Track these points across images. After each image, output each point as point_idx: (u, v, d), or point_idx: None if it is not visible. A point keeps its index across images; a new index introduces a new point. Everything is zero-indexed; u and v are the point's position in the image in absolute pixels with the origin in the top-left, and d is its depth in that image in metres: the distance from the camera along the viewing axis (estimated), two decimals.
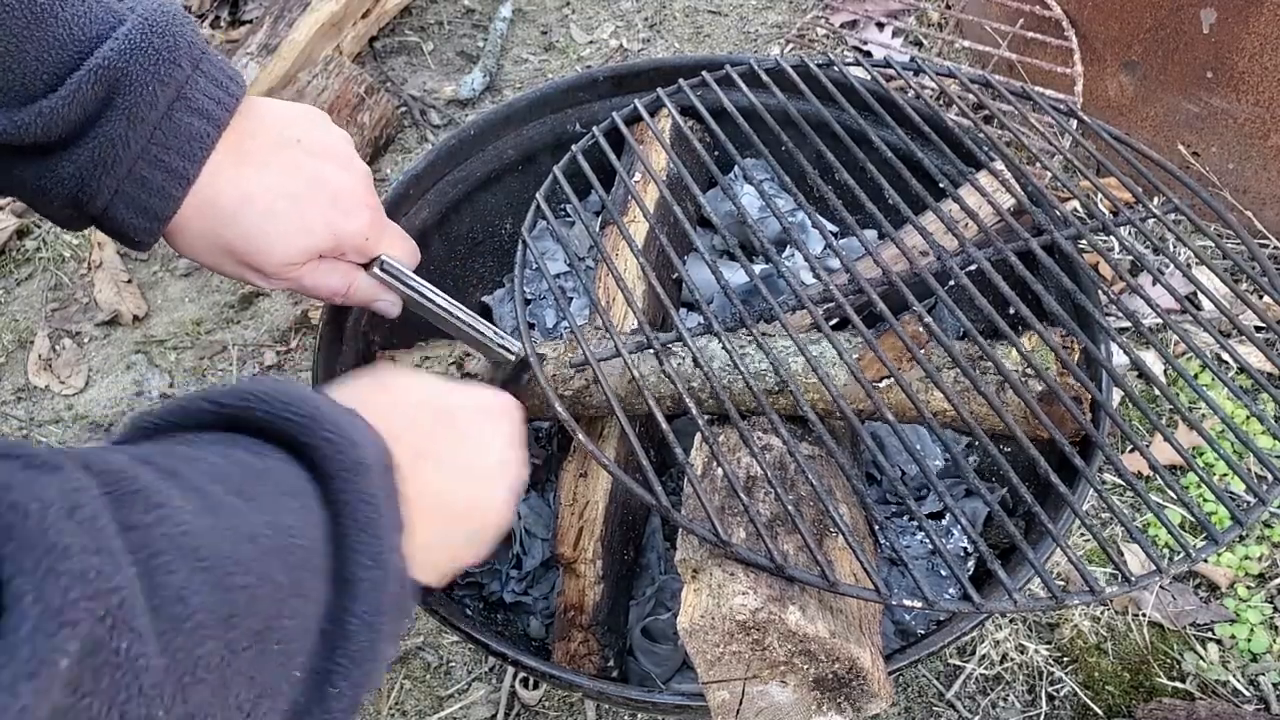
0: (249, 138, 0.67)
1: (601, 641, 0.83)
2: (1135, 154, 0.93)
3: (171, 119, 0.62)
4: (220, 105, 0.64)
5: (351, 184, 0.72)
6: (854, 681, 0.66)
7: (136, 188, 0.63)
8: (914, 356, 0.77)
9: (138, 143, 0.61)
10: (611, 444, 0.90)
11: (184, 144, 0.63)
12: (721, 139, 1.02)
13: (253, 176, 0.67)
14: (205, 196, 0.65)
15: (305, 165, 0.69)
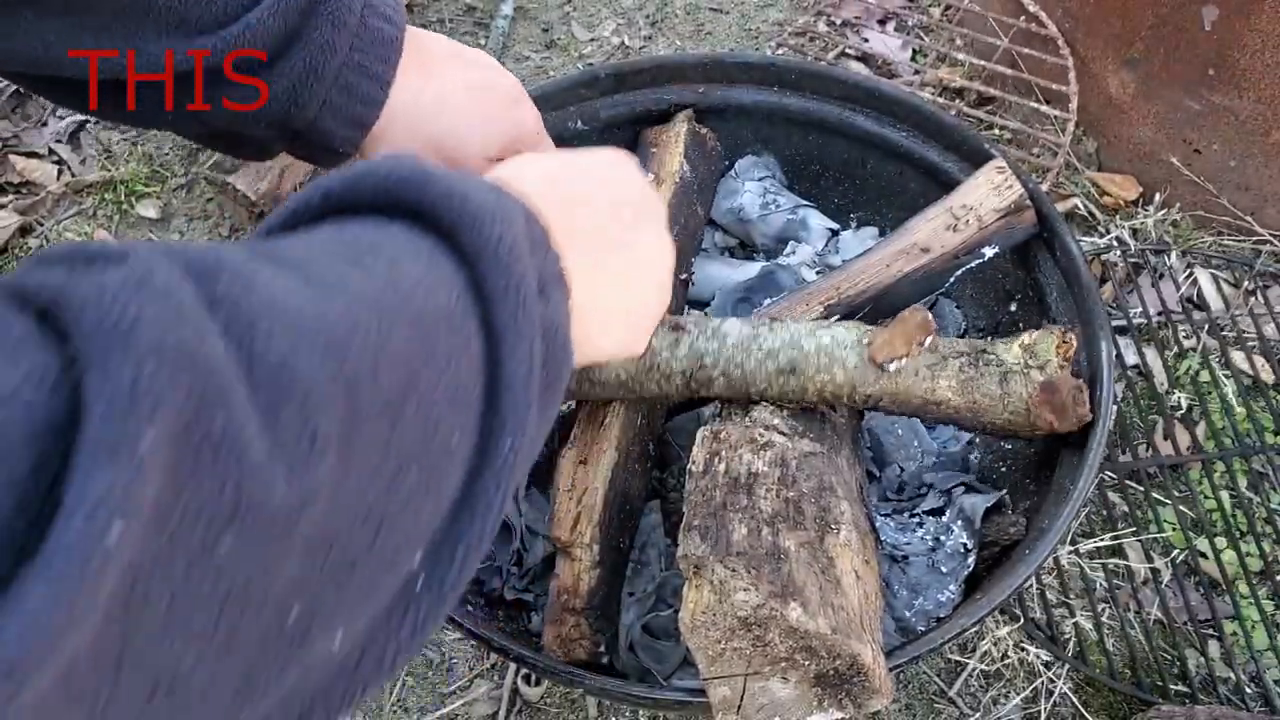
0: (421, 49, 0.69)
1: (594, 627, 0.83)
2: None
3: (366, 24, 0.64)
4: (397, 13, 0.66)
5: (516, 84, 0.76)
6: (855, 678, 0.66)
7: (343, 95, 0.64)
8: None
9: (342, 49, 0.62)
10: (613, 431, 0.90)
11: (380, 48, 0.64)
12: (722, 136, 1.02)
13: (439, 78, 0.69)
14: (403, 100, 0.67)
15: (474, 69, 0.73)
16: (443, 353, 0.34)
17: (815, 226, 1.18)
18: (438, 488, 0.34)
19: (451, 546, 0.34)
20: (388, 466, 0.31)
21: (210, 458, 0.24)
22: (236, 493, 0.24)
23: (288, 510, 0.26)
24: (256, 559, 0.26)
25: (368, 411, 0.30)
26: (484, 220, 0.37)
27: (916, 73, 1.69)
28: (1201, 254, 1.47)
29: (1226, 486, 1.26)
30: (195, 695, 0.25)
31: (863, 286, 0.96)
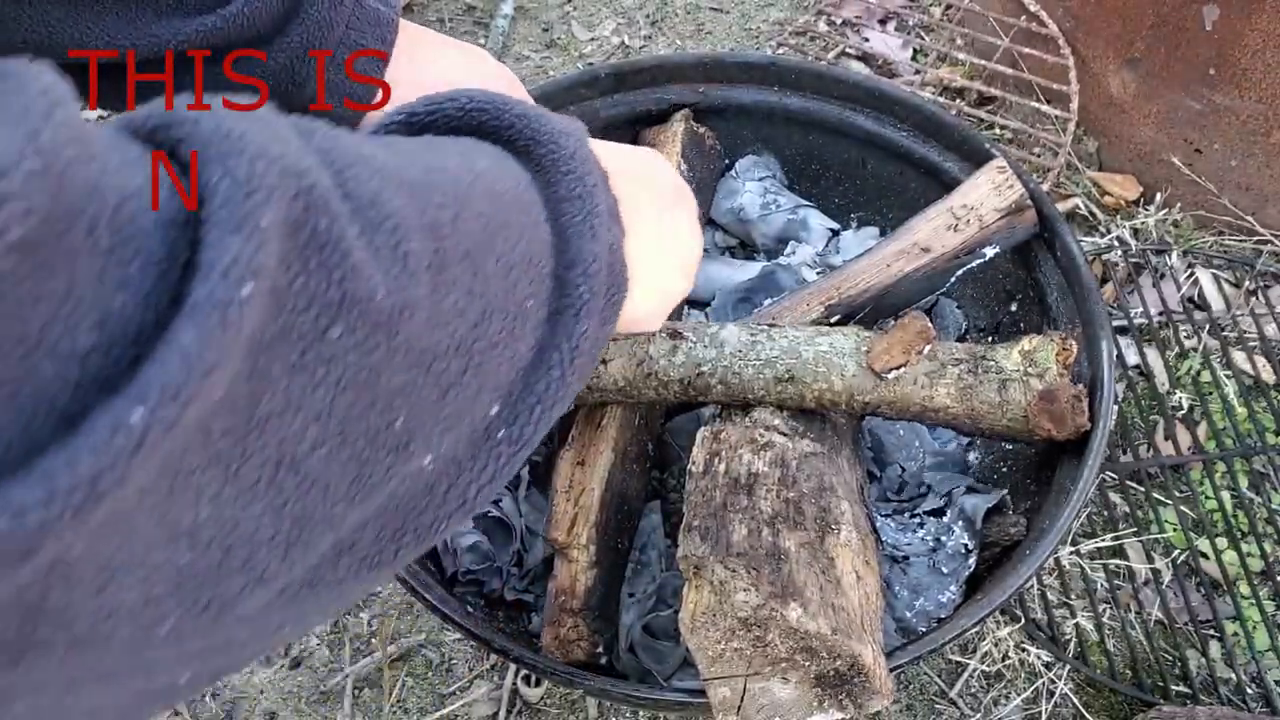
0: (414, 35, 0.69)
1: (592, 628, 0.83)
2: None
3: (362, 4, 0.64)
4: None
5: (509, 73, 0.77)
6: (855, 679, 0.66)
7: (341, 75, 0.65)
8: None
9: (339, 26, 0.63)
10: (610, 432, 0.90)
11: (376, 28, 0.65)
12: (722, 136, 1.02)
13: (434, 62, 0.69)
14: (399, 80, 0.67)
15: (468, 55, 0.73)
16: (516, 226, 0.36)
17: (815, 226, 1.18)
18: (515, 343, 0.36)
19: (527, 405, 0.37)
20: (473, 308, 0.33)
21: (317, 253, 0.26)
22: (342, 287, 0.27)
23: (388, 314, 0.28)
24: (363, 353, 0.28)
25: (452, 254, 0.32)
26: (558, 136, 0.40)
27: (917, 72, 1.69)
28: (1202, 254, 1.47)
29: (1228, 487, 1.26)
30: (314, 479, 0.28)
31: (863, 286, 0.96)
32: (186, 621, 0.26)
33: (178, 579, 0.25)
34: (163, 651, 0.26)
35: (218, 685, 1.16)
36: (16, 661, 0.22)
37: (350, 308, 0.27)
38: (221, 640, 0.28)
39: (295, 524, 0.28)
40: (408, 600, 1.21)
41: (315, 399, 0.27)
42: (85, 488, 0.21)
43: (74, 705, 0.25)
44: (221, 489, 0.25)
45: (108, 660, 0.24)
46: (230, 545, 0.26)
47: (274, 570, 0.28)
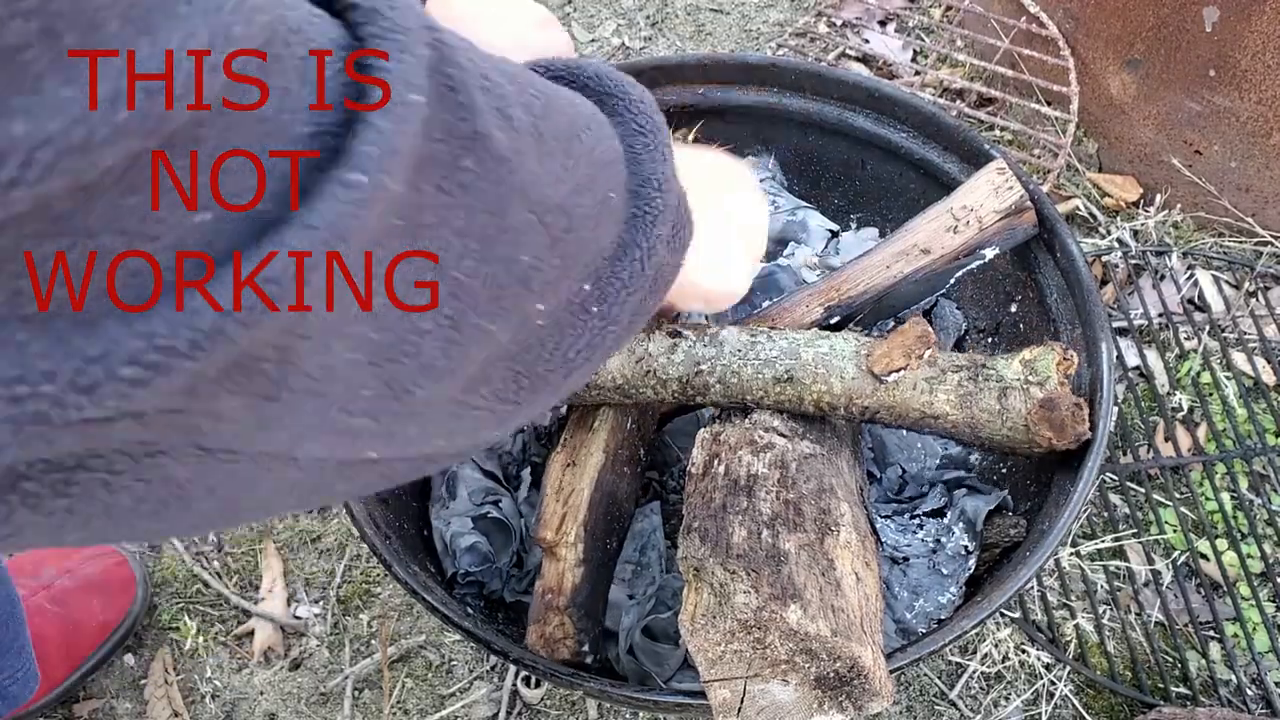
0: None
1: (578, 625, 0.83)
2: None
3: None
4: None
5: (546, 11, 0.79)
6: (855, 680, 0.66)
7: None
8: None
9: None
10: (601, 435, 0.90)
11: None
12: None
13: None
14: (436, 10, 0.70)
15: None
16: (595, 134, 0.40)
17: (815, 228, 1.18)
18: (601, 227, 0.40)
19: (614, 288, 0.41)
20: (566, 179, 0.37)
21: (450, 92, 0.30)
22: (471, 124, 0.31)
23: (507, 154, 0.33)
24: (490, 183, 0.32)
25: (546, 132, 0.36)
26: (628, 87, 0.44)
27: (917, 74, 1.69)
28: (1202, 255, 1.47)
29: (1228, 488, 1.26)
30: (461, 286, 0.32)
31: (863, 288, 0.96)
32: (379, 394, 0.31)
33: (369, 351, 0.29)
34: (363, 420, 0.31)
35: (217, 687, 1.16)
36: (277, 397, 0.27)
37: (477, 143, 0.31)
38: (400, 427, 0.33)
39: (450, 324, 0.32)
40: (408, 602, 1.21)
41: (456, 217, 0.31)
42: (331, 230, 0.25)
43: (306, 450, 0.30)
44: (397, 282, 0.29)
45: (328, 418, 0.29)
46: (401, 332, 0.30)
47: (436, 364, 0.32)
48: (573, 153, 0.37)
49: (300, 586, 1.23)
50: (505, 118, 0.33)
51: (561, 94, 0.39)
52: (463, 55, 0.32)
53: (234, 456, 0.28)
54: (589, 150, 0.39)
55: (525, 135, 0.34)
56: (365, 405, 0.30)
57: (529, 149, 0.34)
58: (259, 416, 0.27)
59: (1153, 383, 1.34)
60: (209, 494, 0.28)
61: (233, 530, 1.27)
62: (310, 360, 0.27)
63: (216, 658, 1.18)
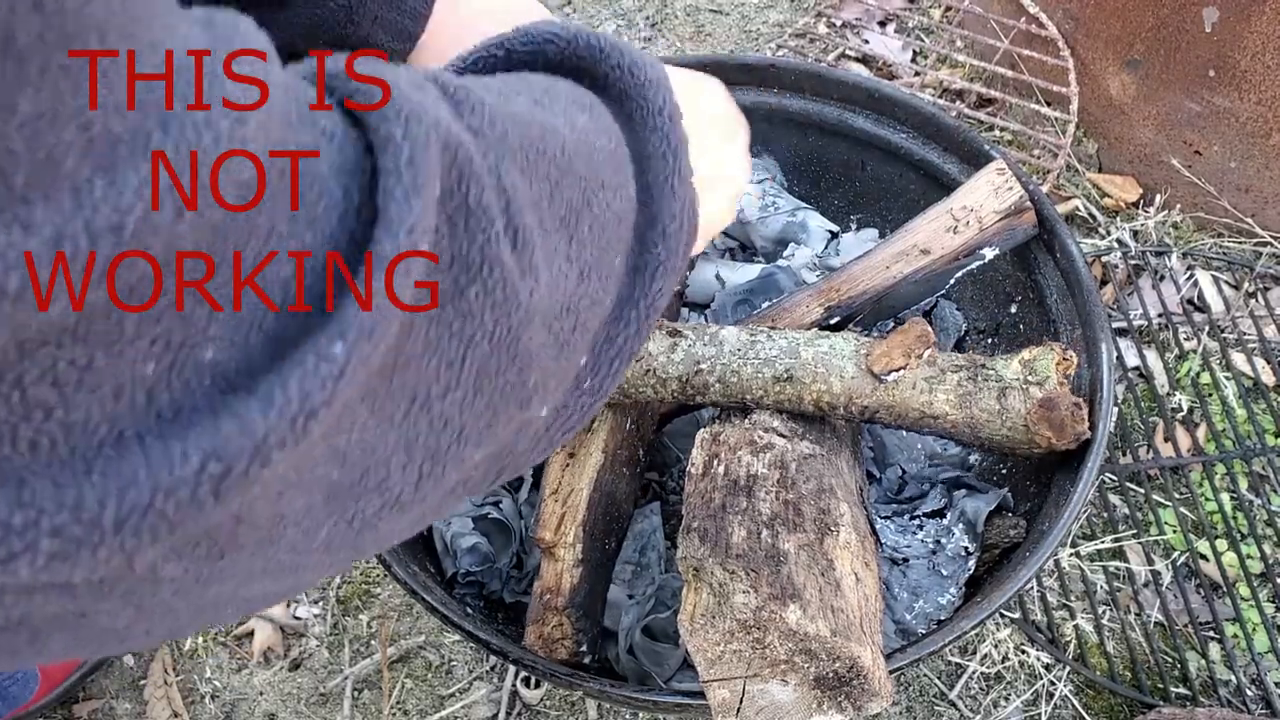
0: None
1: (576, 625, 0.83)
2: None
3: None
4: None
5: (546, 12, 0.79)
6: (855, 680, 0.66)
7: (392, 10, 0.69)
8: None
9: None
10: (600, 435, 0.90)
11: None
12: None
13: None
14: (442, 12, 0.71)
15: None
16: (610, 186, 0.39)
17: (815, 228, 1.18)
18: (604, 297, 0.39)
19: (608, 356, 0.40)
20: (573, 270, 0.36)
21: (464, 218, 0.29)
22: (483, 251, 0.30)
23: (516, 275, 0.31)
24: (493, 310, 0.31)
25: (551, 223, 0.35)
26: (651, 89, 0.42)
27: (917, 74, 1.69)
28: (1202, 255, 1.47)
29: (1227, 488, 1.26)
30: (446, 420, 0.31)
31: (863, 288, 0.96)
32: (336, 532, 0.29)
33: (329, 491, 0.28)
34: (316, 557, 0.29)
35: (217, 687, 1.16)
36: (221, 556, 0.25)
37: (486, 271, 0.30)
38: (358, 549, 0.31)
39: (428, 457, 0.31)
40: (407, 602, 1.21)
41: (450, 349, 0.30)
42: (301, 408, 0.24)
43: (245, 593, 0.28)
44: (367, 418, 0.28)
45: (277, 559, 0.28)
46: (368, 467, 0.29)
47: (407, 498, 0.31)
48: (579, 234, 0.36)
49: None
50: (514, 228, 0.32)
51: (579, 147, 0.37)
52: (479, 149, 0.30)
53: (171, 609, 0.26)
54: (600, 216, 0.38)
55: (535, 245, 0.33)
56: (322, 543, 0.29)
57: (542, 257, 0.33)
58: (202, 575, 0.25)
59: (1152, 383, 1.34)
60: (145, 635, 0.27)
61: None
62: (264, 515, 0.26)
63: (216, 658, 1.18)
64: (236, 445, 0.23)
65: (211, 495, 0.22)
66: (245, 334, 0.24)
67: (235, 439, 0.23)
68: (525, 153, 0.33)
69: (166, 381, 0.22)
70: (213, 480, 0.22)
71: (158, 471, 0.22)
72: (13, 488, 0.20)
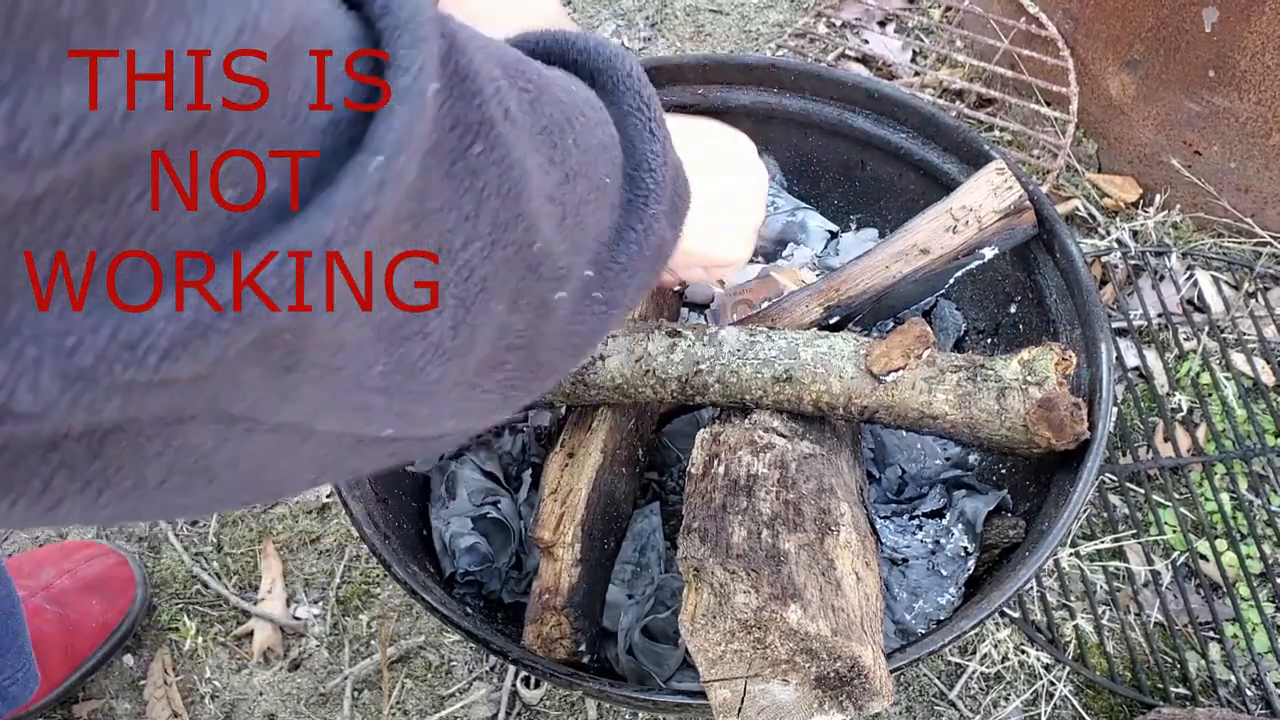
0: None
1: (574, 625, 0.83)
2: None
3: None
4: None
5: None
6: (856, 680, 0.66)
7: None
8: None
9: None
10: (600, 435, 0.90)
11: None
12: None
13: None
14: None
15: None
16: (590, 118, 0.41)
17: (814, 228, 1.18)
18: (599, 211, 0.41)
19: (614, 271, 0.42)
20: (554, 172, 0.38)
21: (460, 81, 0.31)
22: (480, 112, 0.32)
23: (511, 138, 0.33)
24: (499, 169, 0.33)
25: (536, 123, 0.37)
26: (619, 61, 0.45)
27: (916, 74, 1.69)
28: (1202, 256, 1.47)
29: (1227, 489, 1.26)
30: (469, 269, 0.33)
31: (862, 288, 0.96)
32: (389, 372, 0.32)
33: (377, 328, 0.30)
34: (375, 398, 0.32)
35: (217, 687, 1.16)
36: (293, 368, 0.28)
37: (484, 129, 0.32)
38: (413, 406, 0.34)
39: (458, 304, 0.33)
40: (407, 602, 1.21)
41: (464, 203, 0.32)
42: (356, 212, 0.26)
43: (319, 425, 0.31)
44: (402, 263, 0.30)
45: (342, 392, 0.30)
46: (409, 312, 0.31)
47: (445, 345, 0.33)
48: (563, 143, 0.38)
49: (300, 587, 1.23)
50: (504, 107, 0.34)
51: (555, 81, 0.40)
52: (469, 43, 0.33)
53: (255, 425, 0.29)
54: (582, 138, 0.40)
55: (522, 124, 0.35)
56: (378, 381, 0.31)
57: (526, 134, 0.35)
58: (278, 387, 0.28)
59: (1152, 383, 1.34)
60: (231, 466, 0.30)
61: (232, 531, 1.27)
62: (323, 336, 0.28)
63: (216, 658, 1.18)
64: (310, 240, 0.25)
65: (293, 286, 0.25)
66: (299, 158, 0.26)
67: (310, 234, 0.25)
68: (506, 66, 0.36)
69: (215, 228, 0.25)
70: (292, 274, 0.25)
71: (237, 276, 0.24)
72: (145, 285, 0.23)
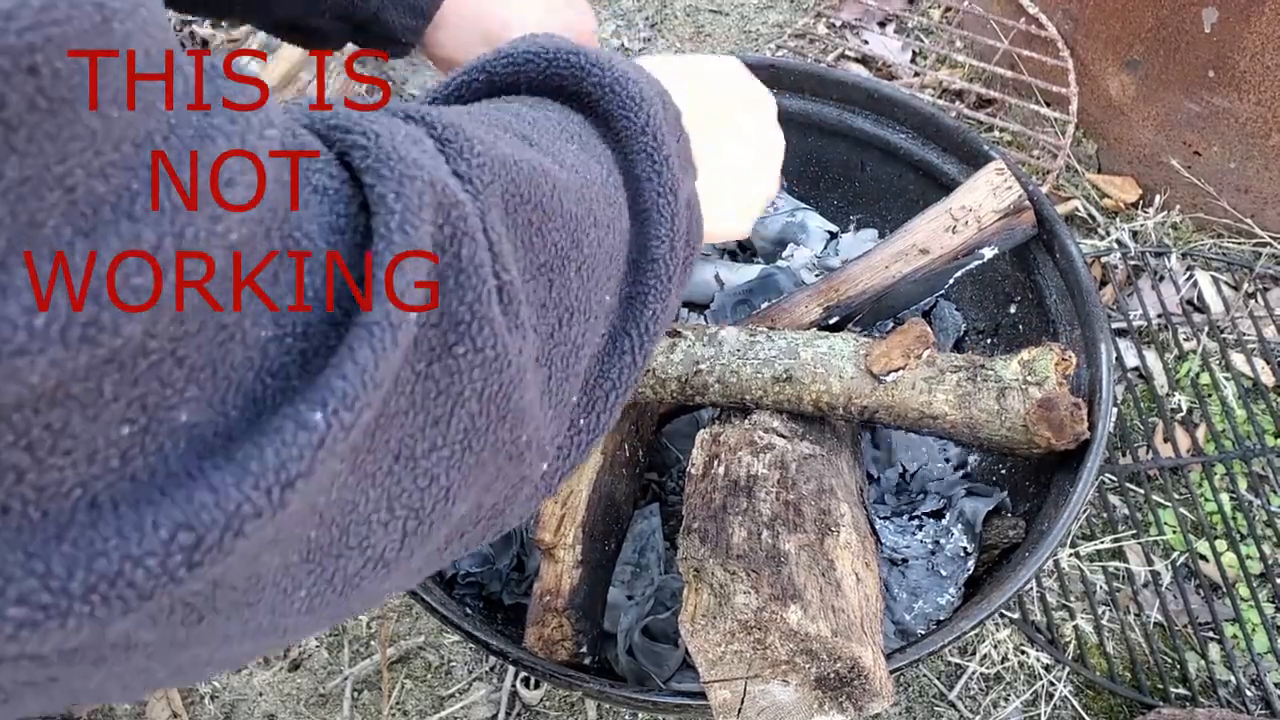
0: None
1: (576, 627, 0.83)
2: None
3: None
4: None
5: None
6: (856, 680, 0.66)
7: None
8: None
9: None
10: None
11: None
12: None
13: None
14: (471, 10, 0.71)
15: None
16: (602, 222, 0.38)
17: (814, 229, 1.18)
18: (592, 336, 0.38)
19: (603, 390, 0.39)
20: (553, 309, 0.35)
21: (455, 275, 0.28)
22: (472, 309, 0.29)
23: (505, 332, 0.31)
24: (482, 369, 0.30)
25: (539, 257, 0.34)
26: (634, 107, 0.41)
27: (916, 74, 1.69)
28: (1201, 256, 1.47)
29: (1227, 489, 1.26)
30: (431, 477, 0.30)
31: (862, 288, 0.96)
32: (317, 591, 0.28)
33: (306, 550, 0.26)
34: (298, 619, 0.28)
35: (216, 687, 1.16)
36: (200, 620, 0.24)
37: (478, 328, 0.29)
38: (343, 610, 0.30)
39: (411, 514, 0.29)
40: (407, 602, 1.21)
41: (436, 406, 0.29)
42: (278, 479, 0.23)
43: (224, 655, 0.27)
44: (348, 476, 0.27)
45: (256, 621, 0.26)
46: (348, 525, 0.27)
47: (391, 555, 0.30)
48: (561, 278, 0.35)
49: None
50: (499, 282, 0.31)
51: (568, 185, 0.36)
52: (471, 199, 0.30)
53: (147, 670, 0.25)
54: (588, 259, 0.37)
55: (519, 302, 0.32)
56: (303, 601, 0.28)
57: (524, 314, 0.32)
58: (178, 638, 0.25)
59: (1152, 384, 1.34)
60: (122, 691, 0.27)
61: None
62: (236, 576, 0.24)
63: None
64: (210, 516, 0.22)
65: (183, 566, 0.22)
66: (222, 394, 0.23)
67: (209, 510, 0.22)
68: (512, 199, 0.33)
69: (141, 445, 0.22)
70: (185, 551, 0.21)
71: (128, 540, 0.21)
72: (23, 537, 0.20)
